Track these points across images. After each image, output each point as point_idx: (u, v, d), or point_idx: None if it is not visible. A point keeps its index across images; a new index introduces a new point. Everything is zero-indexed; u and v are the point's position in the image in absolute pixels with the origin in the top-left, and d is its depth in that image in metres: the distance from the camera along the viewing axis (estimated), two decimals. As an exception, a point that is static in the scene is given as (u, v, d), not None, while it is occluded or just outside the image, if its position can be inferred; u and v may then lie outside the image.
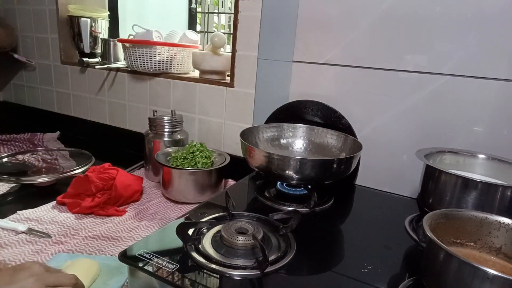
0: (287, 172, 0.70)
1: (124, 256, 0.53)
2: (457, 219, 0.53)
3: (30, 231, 0.70)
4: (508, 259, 0.51)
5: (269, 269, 0.51)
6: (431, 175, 0.67)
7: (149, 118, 1.01)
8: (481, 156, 0.74)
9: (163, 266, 0.51)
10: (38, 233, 0.70)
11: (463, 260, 0.41)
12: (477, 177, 0.65)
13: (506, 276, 0.38)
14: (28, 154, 1.10)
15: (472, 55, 0.76)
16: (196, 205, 0.80)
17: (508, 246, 0.51)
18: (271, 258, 0.54)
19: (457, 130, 0.80)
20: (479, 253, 0.52)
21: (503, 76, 0.74)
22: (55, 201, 0.84)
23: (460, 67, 0.77)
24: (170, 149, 0.97)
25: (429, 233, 0.45)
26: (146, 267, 0.51)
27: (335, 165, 0.72)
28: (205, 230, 0.61)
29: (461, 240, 0.53)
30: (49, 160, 1.08)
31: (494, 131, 0.77)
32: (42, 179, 0.92)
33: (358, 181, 0.93)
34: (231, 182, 1.00)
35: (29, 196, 0.88)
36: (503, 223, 0.51)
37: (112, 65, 1.25)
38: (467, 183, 0.61)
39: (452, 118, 0.80)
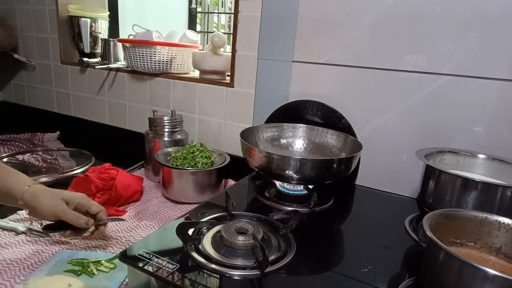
0: (287, 172, 0.70)
1: (124, 256, 0.53)
2: (457, 219, 0.53)
3: (30, 231, 0.70)
4: (508, 259, 0.51)
5: (269, 269, 0.51)
6: (431, 175, 0.67)
7: (149, 118, 1.01)
8: (481, 156, 0.74)
9: (163, 266, 0.51)
10: (38, 233, 0.70)
11: (463, 260, 0.41)
12: (477, 177, 0.65)
13: (506, 276, 0.38)
14: (28, 154, 1.10)
15: (472, 55, 0.76)
16: (196, 205, 0.80)
17: (508, 246, 0.51)
18: (271, 258, 0.54)
19: (457, 130, 0.80)
20: (479, 253, 0.52)
21: (503, 76, 0.74)
22: (55, 201, 0.83)
23: (460, 67, 0.77)
24: (170, 149, 0.97)
25: (429, 233, 0.45)
26: (146, 267, 0.51)
27: (335, 165, 0.72)
28: (205, 230, 0.61)
29: (461, 240, 0.53)
30: (49, 160, 1.08)
31: (494, 131, 0.77)
32: (42, 179, 0.92)
33: (358, 181, 0.93)
34: (231, 182, 1.00)
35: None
36: (503, 223, 0.51)
37: (112, 65, 1.25)
38: (467, 183, 0.61)
39: (452, 118, 0.80)
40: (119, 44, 1.27)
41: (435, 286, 0.45)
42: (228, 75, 1.09)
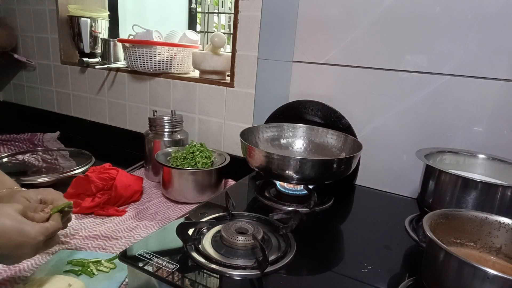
0: (287, 172, 0.70)
1: (124, 256, 0.53)
2: (457, 219, 0.53)
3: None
4: (508, 259, 0.51)
5: (269, 269, 0.51)
6: (431, 175, 0.67)
7: (149, 118, 1.01)
8: (481, 156, 0.74)
9: (163, 266, 0.51)
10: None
11: (463, 260, 0.41)
12: (477, 177, 0.65)
13: (506, 276, 0.38)
14: (28, 154, 1.10)
15: (472, 55, 0.76)
16: (196, 205, 0.80)
17: (508, 246, 0.51)
18: (271, 258, 0.54)
19: (457, 130, 0.80)
20: (479, 253, 0.52)
21: (503, 76, 0.74)
22: (55, 201, 0.83)
23: (460, 67, 0.77)
24: (170, 149, 0.97)
25: (429, 233, 0.45)
26: (146, 267, 0.51)
27: (335, 165, 0.72)
28: (205, 230, 0.61)
29: (461, 240, 0.53)
30: (49, 160, 1.08)
31: (494, 131, 0.77)
32: (42, 179, 0.92)
33: (358, 181, 0.93)
34: (231, 182, 1.00)
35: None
36: (503, 223, 0.51)
37: (112, 65, 1.25)
38: (467, 183, 0.61)
39: (452, 118, 0.80)
40: (119, 44, 1.27)
41: (435, 286, 0.45)
42: (228, 75, 1.09)
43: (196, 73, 1.21)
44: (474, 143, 0.78)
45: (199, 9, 1.43)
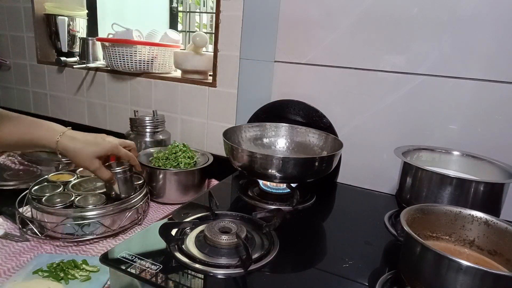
0: (270, 171, 0.71)
1: (106, 259, 0.53)
2: (432, 213, 0.54)
3: (6, 235, 0.68)
4: (481, 251, 0.53)
5: (252, 267, 0.52)
6: (409, 172, 0.69)
7: (130, 119, 1.00)
8: (456, 153, 0.77)
9: (146, 267, 0.51)
10: (16, 238, 0.68)
11: (439, 253, 0.42)
12: (451, 173, 0.67)
13: (477, 267, 0.40)
14: (4, 156, 1.06)
15: (446, 56, 0.78)
16: (179, 205, 0.79)
17: (481, 239, 0.53)
18: (255, 256, 0.54)
19: (433, 128, 0.83)
20: (454, 246, 0.55)
21: (476, 76, 0.77)
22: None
23: (436, 67, 0.80)
24: (152, 150, 0.96)
25: (406, 228, 0.47)
26: (128, 269, 0.50)
27: (316, 163, 0.73)
28: (188, 230, 0.61)
29: (437, 234, 0.55)
30: (26, 163, 1.05)
31: (468, 128, 0.80)
32: (22, 185, 0.89)
33: (339, 179, 0.95)
34: (214, 182, 1.00)
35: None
36: (476, 216, 0.53)
37: (91, 65, 1.22)
38: (442, 179, 0.63)
39: (428, 116, 0.83)
40: (98, 43, 1.25)
41: (413, 278, 0.47)
42: (210, 75, 1.09)
43: (178, 73, 1.20)
44: (449, 141, 0.81)
45: (180, 8, 1.42)
